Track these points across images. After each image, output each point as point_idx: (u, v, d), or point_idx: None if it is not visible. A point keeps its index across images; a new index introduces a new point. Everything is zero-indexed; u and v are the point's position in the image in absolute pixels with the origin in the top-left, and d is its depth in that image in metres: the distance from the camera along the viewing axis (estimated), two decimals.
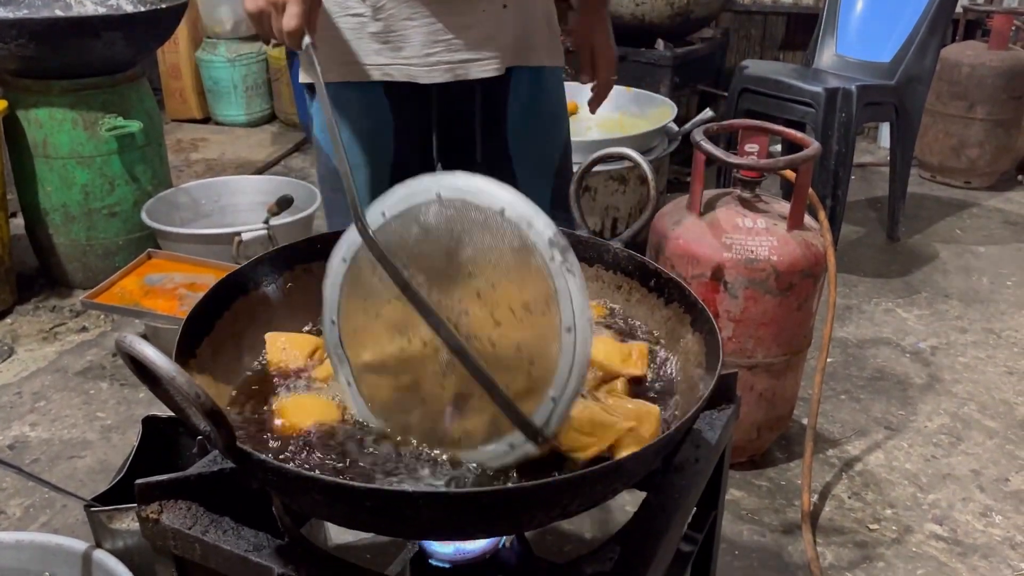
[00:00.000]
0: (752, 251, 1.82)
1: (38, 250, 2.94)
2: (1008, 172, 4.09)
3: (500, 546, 1.05)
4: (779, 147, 3.56)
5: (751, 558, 1.85)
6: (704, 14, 3.81)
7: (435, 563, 1.03)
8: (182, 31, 4.27)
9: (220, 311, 1.04)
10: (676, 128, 3.10)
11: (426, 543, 1.03)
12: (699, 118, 3.11)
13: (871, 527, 1.95)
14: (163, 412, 1.50)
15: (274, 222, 2.57)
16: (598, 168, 2.25)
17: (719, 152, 1.81)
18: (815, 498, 2.02)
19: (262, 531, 0.90)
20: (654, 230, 1.95)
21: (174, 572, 0.95)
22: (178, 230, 2.72)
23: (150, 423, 1.65)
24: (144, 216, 2.74)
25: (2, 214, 2.71)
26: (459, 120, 1.52)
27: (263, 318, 1.09)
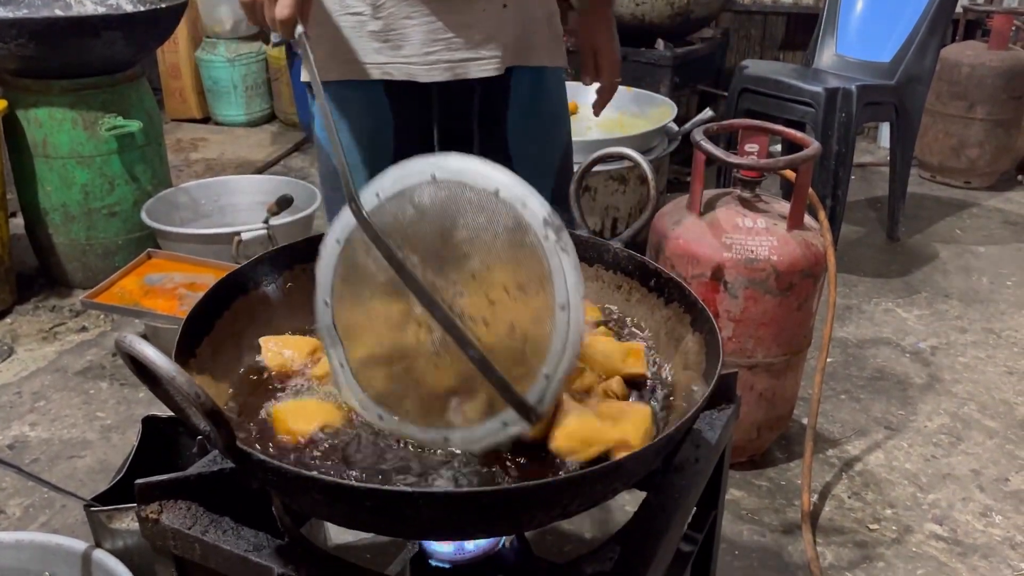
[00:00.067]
0: (752, 251, 1.82)
1: (38, 250, 2.94)
2: (1008, 172, 4.09)
3: (500, 546, 1.05)
4: (779, 147, 3.56)
5: (751, 558, 1.85)
6: (704, 14, 3.80)
7: (435, 563, 1.03)
8: (182, 31, 4.28)
9: (220, 311, 1.04)
10: (676, 128, 3.10)
11: (426, 543, 1.03)
12: (699, 118, 3.11)
13: (871, 527, 1.94)
14: (163, 412, 1.50)
15: (274, 222, 2.57)
16: (598, 168, 2.25)
17: (719, 152, 1.81)
18: (815, 498, 2.02)
19: (262, 531, 0.90)
20: (654, 230, 1.95)
21: (174, 572, 0.95)
22: (178, 230, 2.72)
23: (150, 423, 1.65)
24: (144, 216, 2.74)
25: (2, 214, 2.71)
26: (459, 119, 1.52)
27: (263, 318, 1.09)
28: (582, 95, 2.39)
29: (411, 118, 1.50)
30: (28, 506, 1.96)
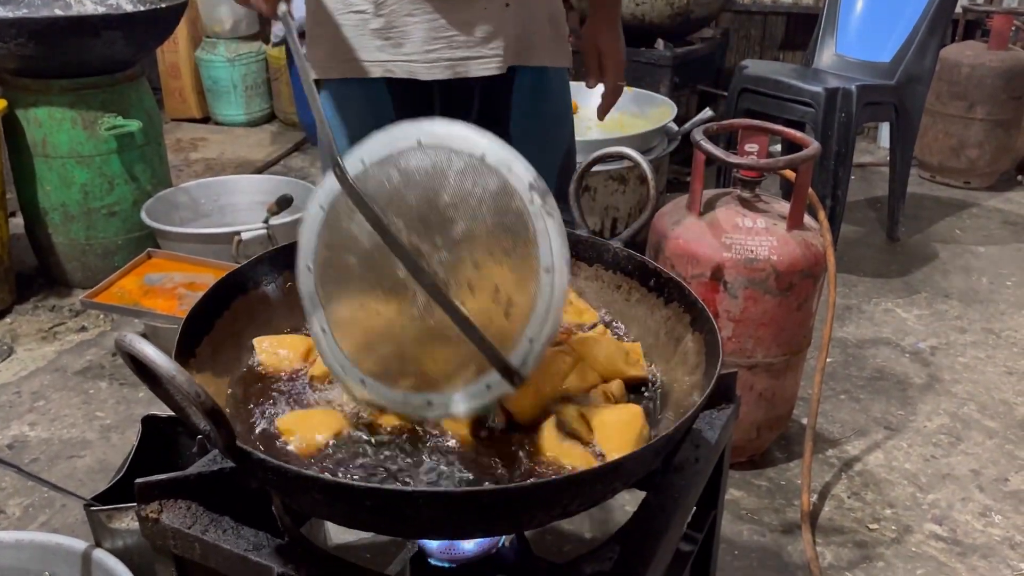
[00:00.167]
0: (752, 251, 1.82)
1: (37, 249, 2.94)
2: (1008, 172, 4.09)
3: (500, 545, 1.05)
4: (779, 147, 3.56)
5: (751, 558, 1.85)
6: (704, 14, 3.81)
7: (435, 562, 1.03)
8: (181, 30, 4.27)
9: (220, 310, 1.04)
10: (676, 128, 3.10)
11: (426, 542, 1.03)
12: (699, 118, 3.11)
13: (871, 527, 1.94)
14: (163, 411, 1.50)
15: (273, 221, 2.57)
16: (598, 168, 2.25)
17: (719, 152, 1.81)
18: (815, 498, 2.02)
19: (262, 530, 0.90)
20: (654, 230, 1.95)
21: (174, 572, 0.95)
22: (178, 229, 2.72)
23: (150, 422, 1.65)
24: (143, 215, 2.73)
25: (1, 213, 2.71)
26: (461, 117, 1.52)
27: (263, 317, 1.09)
28: (584, 97, 2.39)
29: (413, 116, 1.50)
30: (28, 506, 1.96)
